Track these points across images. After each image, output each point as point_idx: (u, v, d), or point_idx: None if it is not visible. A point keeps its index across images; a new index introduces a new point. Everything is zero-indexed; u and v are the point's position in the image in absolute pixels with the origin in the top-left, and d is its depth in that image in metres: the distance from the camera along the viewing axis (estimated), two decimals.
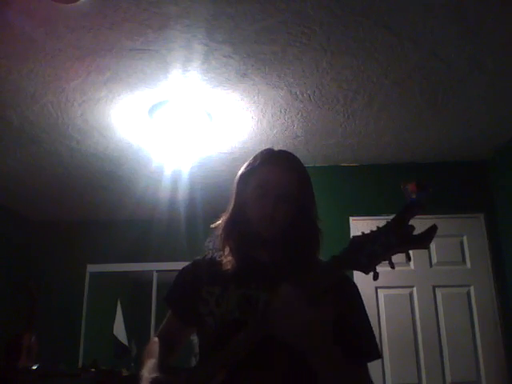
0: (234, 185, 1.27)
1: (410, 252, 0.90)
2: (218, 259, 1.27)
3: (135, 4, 1.95)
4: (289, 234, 1.20)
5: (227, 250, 1.24)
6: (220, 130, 3.04)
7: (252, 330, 1.02)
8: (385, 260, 0.90)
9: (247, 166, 1.26)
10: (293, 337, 0.95)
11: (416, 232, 0.88)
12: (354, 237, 0.92)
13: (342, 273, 0.96)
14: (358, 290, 1.21)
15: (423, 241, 0.86)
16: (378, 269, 0.92)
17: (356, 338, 1.09)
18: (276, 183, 1.18)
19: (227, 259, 1.22)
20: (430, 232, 0.86)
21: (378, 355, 1.14)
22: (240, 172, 1.28)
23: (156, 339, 1.35)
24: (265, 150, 1.29)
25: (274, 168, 1.21)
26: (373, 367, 1.10)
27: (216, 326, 1.15)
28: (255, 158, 1.26)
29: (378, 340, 1.18)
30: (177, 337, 1.38)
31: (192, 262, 1.34)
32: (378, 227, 0.90)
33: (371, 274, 0.91)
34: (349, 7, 1.97)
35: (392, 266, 0.90)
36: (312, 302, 0.94)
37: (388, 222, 0.89)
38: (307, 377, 1.10)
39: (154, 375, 1.14)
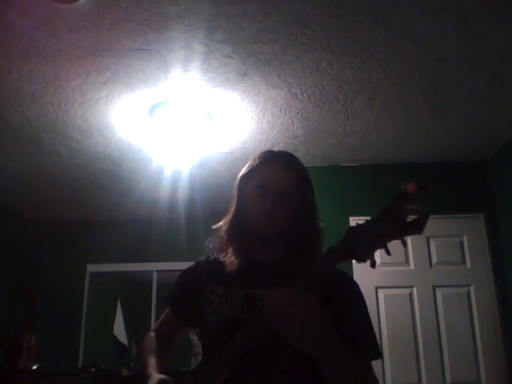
0: (235, 186, 1.28)
1: (405, 238, 0.92)
2: (220, 259, 1.28)
3: (135, 4, 1.95)
4: (289, 232, 1.20)
5: (230, 250, 1.24)
6: (220, 130, 3.04)
7: (255, 328, 1.03)
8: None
9: (247, 168, 1.28)
10: (291, 333, 0.95)
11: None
12: (350, 227, 0.94)
13: (340, 262, 0.97)
14: (359, 289, 1.21)
15: (417, 226, 0.88)
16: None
17: (356, 338, 1.09)
18: (275, 182, 1.20)
19: (230, 260, 1.23)
20: (423, 218, 0.88)
21: (379, 355, 1.14)
22: (240, 173, 1.29)
23: (153, 334, 1.36)
24: (264, 151, 1.30)
25: (273, 168, 1.22)
26: (373, 367, 1.10)
27: (219, 325, 1.15)
28: (255, 159, 1.27)
29: (378, 340, 1.18)
30: (174, 334, 1.39)
31: (195, 263, 1.35)
32: (372, 217, 0.91)
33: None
34: (349, 7, 1.98)
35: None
36: (309, 295, 0.95)
37: (382, 211, 0.91)
38: (312, 373, 1.10)
39: (161, 376, 1.15)
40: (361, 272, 2.86)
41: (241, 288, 1.17)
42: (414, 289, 3.23)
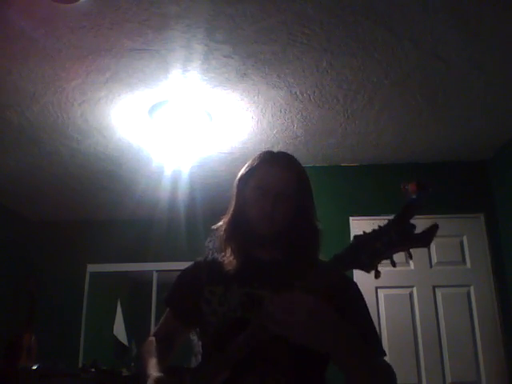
0: (234, 186, 1.29)
1: (411, 251, 0.91)
2: (219, 260, 1.28)
3: (135, 4, 1.95)
4: (288, 232, 1.20)
5: (229, 250, 1.25)
6: (220, 130, 3.04)
7: (255, 328, 1.03)
8: (386, 259, 0.90)
9: (246, 168, 1.28)
10: (295, 336, 0.94)
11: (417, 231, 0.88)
12: (355, 236, 0.92)
13: (343, 272, 0.96)
14: (359, 290, 1.21)
15: (424, 239, 0.87)
16: (379, 267, 0.92)
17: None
18: (274, 183, 1.20)
19: (229, 259, 1.23)
20: (431, 231, 0.86)
21: (384, 353, 1.14)
22: (240, 174, 1.29)
23: (153, 339, 1.35)
24: (264, 151, 1.31)
25: (272, 168, 1.23)
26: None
27: (219, 325, 1.15)
28: (254, 160, 1.28)
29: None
30: (174, 337, 1.38)
31: (193, 263, 1.36)
32: (379, 226, 0.90)
33: (373, 272, 0.92)
34: (349, 7, 1.98)
35: (393, 264, 0.90)
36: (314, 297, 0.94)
37: (389, 221, 0.89)
38: (313, 373, 1.10)
39: (159, 375, 1.14)
40: (361, 272, 2.86)
41: (240, 288, 1.17)
42: (414, 289, 3.23)
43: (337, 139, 3.16)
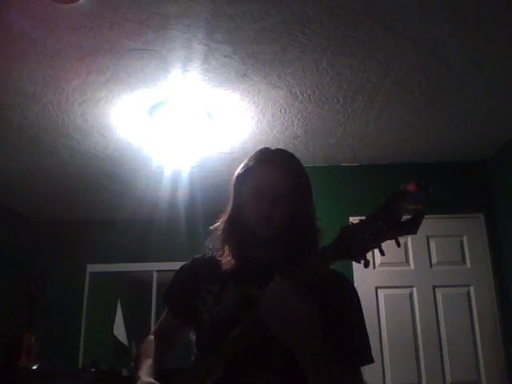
0: (231, 186, 1.27)
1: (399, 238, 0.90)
2: (217, 258, 1.27)
3: (135, 4, 1.95)
4: (286, 233, 1.19)
5: (227, 249, 1.24)
6: (220, 130, 3.04)
7: (247, 326, 1.02)
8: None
9: (243, 167, 1.25)
10: (279, 330, 0.95)
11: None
12: (343, 227, 0.93)
13: (333, 262, 0.97)
14: (354, 289, 1.20)
15: (411, 226, 0.87)
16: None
17: (348, 341, 1.08)
18: (271, 184, 1.17)
19: (227, 259, 1.22)
20: (418, 217, 0.87)
21: (370, 359, 1.11)
22: (236, 173, 1.26)
23: (151, 337, 1.35)
24: (261, 149, 1.27)
25: (268, 169, 1.19)
26: (373, 367, 1.09)
27: (212, 323, 1.15)
28: (250, 159, 1.24)
29: (377, 341, 1.17)
30: (173, 335, 1.38)
31: (191, 260, 1.35)
32: (366, 216, 0.90)
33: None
34: (349, 7, 1.98)
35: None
36: (300, 295, 0.95)
37: (376, 210, 0.89)
38: (303, 374, 1.10)
39: (148, 380, 1.14)
40: (361, 272, 2.85)
41: (235, 287, 1.17)
42: (414, 289, 3.23)
43: (337, 139, 3.16)
